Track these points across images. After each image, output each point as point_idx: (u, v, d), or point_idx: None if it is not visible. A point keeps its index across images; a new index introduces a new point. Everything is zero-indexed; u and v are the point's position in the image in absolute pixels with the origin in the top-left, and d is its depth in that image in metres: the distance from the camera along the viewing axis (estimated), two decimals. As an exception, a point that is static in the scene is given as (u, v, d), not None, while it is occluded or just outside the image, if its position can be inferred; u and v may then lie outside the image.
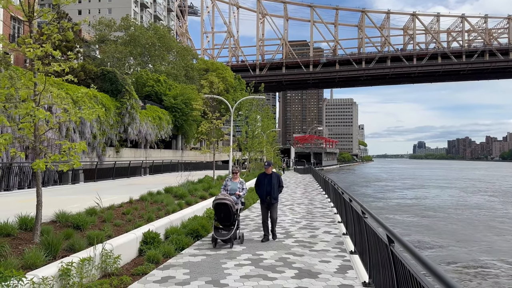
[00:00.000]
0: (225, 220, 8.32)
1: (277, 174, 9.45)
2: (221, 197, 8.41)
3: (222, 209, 8.25)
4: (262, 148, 41.68)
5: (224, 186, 9.20)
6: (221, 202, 8.29)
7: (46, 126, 6.41)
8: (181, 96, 43.16)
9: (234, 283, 5.83)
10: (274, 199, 9.13)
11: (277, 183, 9.29)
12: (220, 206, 8.28)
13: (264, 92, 34.46)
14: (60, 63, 5.78)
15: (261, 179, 9.35)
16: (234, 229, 8.27)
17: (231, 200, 8.35)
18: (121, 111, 33.04)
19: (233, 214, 8.29)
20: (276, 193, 9.21)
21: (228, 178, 9.46)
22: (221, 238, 8.12)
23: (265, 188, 9.13)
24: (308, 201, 18.22)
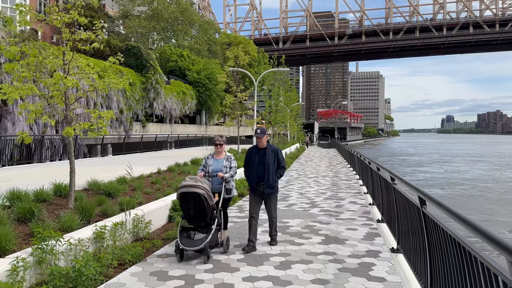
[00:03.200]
0: (196, 219, 5.41)
1: (276, 149, 6.31)
2: (189, 184, 5.32)
3: (190, 203, 5.32)
4: (286, 122, 41.49)
5: (202, 167, 6.09)
6: (188, 192, 5.26)
7: (75, 95, 6.54)
8: (204, 71, 43.10)
9: (261, 247, 5.93)
10: (270, 187, 5.99)
11: (275, 162, 6.13)
12: (188, 197, 5.30)
13: (287, 66, 33.92)
14: (86, 32, 5.83)
15: (251, 156, 6.21)
16: (212, 232, 5.33)
17: (205, 189, 5.34)
18: (146, 86, 33.38)
19: (209, 209, 5.35)
20: (273, 177, 6.05)
21: (209, 155, 6.23)
22: (190, 248, 5.18)
23: (256, 170, 6.04)
24: (333, 173, 18.15)
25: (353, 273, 4.82)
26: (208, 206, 5.32)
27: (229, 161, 6.09)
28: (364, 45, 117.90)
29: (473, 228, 2.29)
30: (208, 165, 6.08)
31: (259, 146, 6.23)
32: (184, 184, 5.35)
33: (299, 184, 13.93)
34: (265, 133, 6.25)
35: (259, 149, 6.19)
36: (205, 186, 5.35)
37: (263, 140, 6.20)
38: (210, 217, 5.41)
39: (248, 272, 4.86)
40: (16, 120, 18.79)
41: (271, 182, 6.01)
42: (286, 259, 5.39)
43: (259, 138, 6.18)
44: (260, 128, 6.32)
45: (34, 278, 4.36)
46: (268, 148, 6.18)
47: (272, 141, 37.35)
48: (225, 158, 6.10)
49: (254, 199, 6.14)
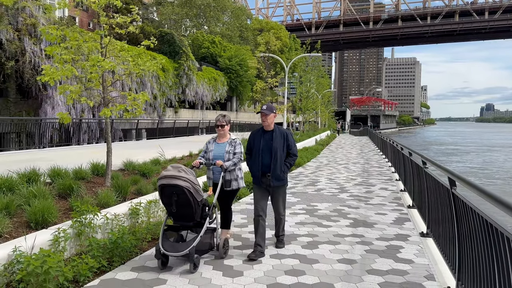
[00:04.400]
0: (182, 218, 4.46)
1: (286, 132, 5.08)
2: (170, 174, 4.29)
3: (172, 197, 4.31)
4: (317, 109, 41.07)
5: (203, 153, 5.27)
6: (169, 184, 4.26)
7: (112, 78, 6.79)
8: (236, 57, 43.18)
9: (289, 228, 6.02)
10: (277, 178, 4.88)
11: (284, 147, 4.96)
12: (169, 191, 4.30)
13: (320, 52, 33.42)
14: (122, 16, 6.02)
15: (254, 140, 5.08)
16: (201, 234, 4.34)
17: (189, 180, 4.28)
18: (179, 73, 33.86)
19: (197, 205, 4.33)
20: (282, 167, 4.90)
21: (211, 138, 5.36)
22: (172, 253, 4.19)
23: (261, 157, 4.91)
24: (364, 160, 17.94)
25: (381, 254, 4.84)
26: (195, 202, 4.27)
27: (233, 146, 5.12)
28: (400, 30, 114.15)
29: (503, 205, 2.27)
30: (209, 151, 5.20)
31: (264, 127, 5.03)
32: (164, 175, 4.28)
33: (328, 170, 13.88)
34: (273, 110, 5.01)
35: (265, 132, 5.01)
36: (190, 178, 4.28)
37: (269, 120, 4.95)
38: (201, 215, 4.40)
39: (275, 250, 4.97)
40: (55, 104, 19.59)
41: (278, 173, 4.84)
42: (313, 239, 5.46)
43: (265, 116, 4.91)
44: (267, 104, 5.12)
45: (74, 249, 4.65)
46: (276, 130, 4.98)
47: (303, 128, 37.13)
48: (229, 142, 5.14)
49: (259, 193, 4.99)
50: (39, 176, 6.05)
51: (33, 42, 17.08)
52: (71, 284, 3.81)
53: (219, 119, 5.18)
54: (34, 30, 17.37)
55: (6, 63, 15.97)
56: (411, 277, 4.12)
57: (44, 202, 4.85)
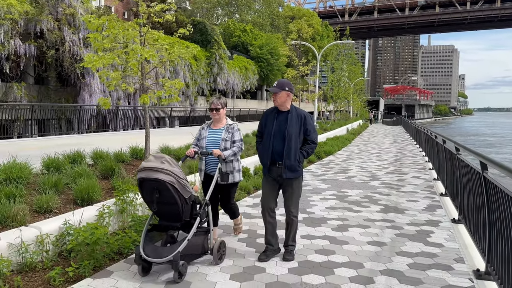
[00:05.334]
0: (166, 217, 3.84)
1: (303, 114, 4.19)
2: (150, 166, 3.61)
3: (153, 193, 3.63)
4: (349, 98, 40.52)
5: (196, 140, 4.59)
6: (149, 178, 3.58)
7: (150, 65, 7.07)
8: (267, 45, 43.08)
9: (320, 212, 6.15)
10: (290, 169, 4.09)
11: (301, 132, 4.13)
12: (149, 186, 3.63)
13: (350, 38, 32.81)
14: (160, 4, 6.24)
15: (266, 122, 4.28)
16: (188, 237, 3.69)
17: (173, 174, 3.58)
18: (210, 62, 34.22)
19: (183, 203, 3.67)
20: (296, 156, 4.09)
21: (204, 124, 4.67)
22: (153, 259, 3.54)
23: (272, 142, 4.13)
24: (397, 150, 17.70)
25: (411, 238, 4.90)
26: (181, 199, 3.60)
27: (231, 132, 4.39)
28: (437, 17, 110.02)
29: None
30: (202, 138, 4.49)
31: (278, 108, 4.18)
32: (144, 166, 3.58)
33: (360, 158, 13.83)
34: (284, 87, 4.09)
35: (279, 113, 4.18)
36: (175, 171, 3.56)
37: (280, 99, 4.09)
38: (190, 214, 3.75)
39: (306, 231, 5.12)
40: (92, 92, 20.30)
41: (292, 163, 4.03)
42: (343, 223, 5.57)
43: (274, 95, 4.14)
44: (279, 80, 4.24)
45: (117, 225, 4.98)
46: (293, 111, 4.14)
47: (334, 117, 36.76)
48: (225, 128, 4.41)
49: (268, 185, 4.22)
50: (82, 158, 6.44)
51: (72, 32, 17.73)
52: (116, 256, 4.12)
53: (214, 101, 4.48)
54: (73, 20, 18.01)
55: (47, 52, 16.67)
56: (441, 260, 4.18)
57: (88, 181, 5.20)
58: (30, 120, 15.60)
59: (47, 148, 8.64)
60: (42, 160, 5.91)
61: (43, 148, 8.63)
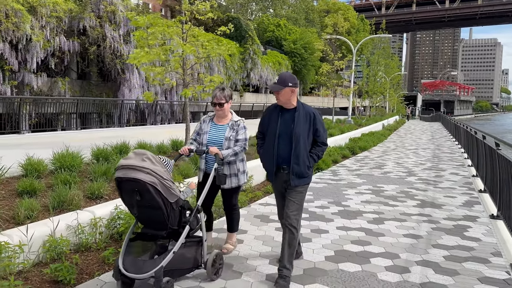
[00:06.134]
0: (149, 224, 3.30)
1: (312, 112, 3.59)
2: (129, 164, 3.03)
3: (132, 196, 3.08)
4: (385, 93, 39.73)
5: (196, 134, 4.05)
6: (127, 178, 3.01)
7: (191, 61, 7.35)
8: (301, 40, 42.89)
9: (355, 205, 6.23)
10: (298, 175, 3.52)
11: (309, 133, 3.54)
12: (129, 187, 3.06)
13: (387, 32, 32.11)
14: (203, 3, 6.48)
15: (269, 120, 3.67)
16: (173, 250, 3.17)
17: (155, 173, 3.02)
18: (244, 57, 34.51)
19: (168, 208, 3.13)
20: (306, 160, 3.51)
21: (206, 117, 4.12)
22: (133, 274, 3.04)
23: (276, 144, 3.55)
24: (435, 146, 17.32)
25: (447, 232, 4.92)
26: (166, 203, 3.04)
27: (235, 130, 3.87)
28: (480, 9, 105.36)
29: None
30: (203, 132, 3.96)
31: (282, 105, 3.57)
32: (122, 164, 3.01)
33: (396, 154, 13.68)
34: (287, 83, 3.46)
35: (284, 110, 3.57)
36: (157, 170, 3.00)
37: (283, 97, 3.49)
38: (179, 221, 3.23)
39: (341, 223, 5.23)
40: (132, 87, 21.01)
41: (301, 169, 3.45)
42: (379, 216, 5.64)
43: (276, 94, 3.52)
44: (281, 75, 3.59)
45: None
46: (300, 109, 3.52)
47: (369, 112, 36.18)
48: (229, 125, 3.89)
49: (279, 196, 3.74)
50: (128, 148, 6.82)
51: (113, 28, 18.39)
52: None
53: (216, 94, 3.85)
54: (114, 17, 18.68)
55: (89, 48, 17.41)
56: (477, 253, 4.20)
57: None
58: (75, 114, 16.41)
59: (91, 140, 9.13)
60: (92, 150, 6.31)
61: (87, 140, 9.12)
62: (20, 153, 6.27)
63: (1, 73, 14.13)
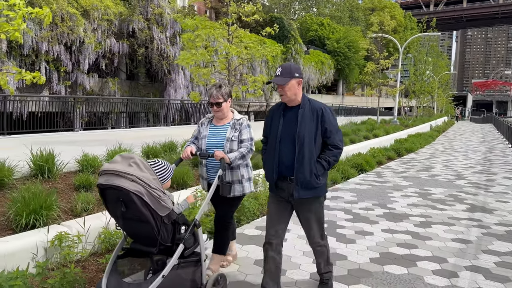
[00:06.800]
0: (138, 239, 2.84)
1: (320, 108, 2.98)
2: (113, 169, 2.53)
3: (117, 206, 2.59)
4: (433, 93, 38.28)
5: (194, 139, 3.62)
6: (108, 185, 2.52)
7: (236, 62, 7.48)
8: (345, 39, 42.23)
9: (401, 208, 6.10)
10: (305, 186, 2.93)
11: (317, 134, 2.95)
12: (114, 196, 2.57)
13: (436, 30, 30.88)
14: (249, 4, 6.59)
15: (272, 121, 3.11)
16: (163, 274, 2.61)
17: (141, 181, 2.52)
18: (286, 57, 34.47)
19: (158, 222, 2.62)
20: (313, 167, 2.90)
21: (205, 119, 3.66)
22: None
23: (278, 149, 2.99)
24: (486, 149, 16.52)
25: (499, 238, 4.72)
26: (155, 217, 2.58)
27: (237, 129, 3.41)
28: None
29: None
30: (201, 137, 3.51)
31: (287, 103, 3.03)
32: (105, 169, 2.57)
33: (444, 157, 13.20)
34: (293, 74, 2.94)
35: (287, 109, 3.05)
36: (144, 177, 2.53)
37: (289, 91, 2.94)
38: (172, 237, 2.76)
39: (387, 226, 5.15)
40: (177, 87, 21.62)
41: (306, 177, 2.89)
42: (426, 220, 5.49)
43: (281, 88, 2.97)
44: (283, 66, 2.99)
45: (207, 209, 5.44)
46: (305, 105, 2.98)
47: (416, 113, 34.99)
48: (231, 125, 3.43)
49: (274, 207, 3.11)
50: (176, 146, 7.06)
51: (160, 30, 19.01)
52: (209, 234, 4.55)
53: (213, 93, 3.39)
54: (161, 19, 19.30)
55: (138, 50, 18.10)
56: (533, 262, 4.00)
57: (183, 168, 5.73)
58: (124, 113, 17.14)
59: (139, 138, 9.51)
60: (142, 148, 6.59)
61: (136, 138, 9.51)
62: (75, 149, 6.68)
63: (57, 73, 15.01)
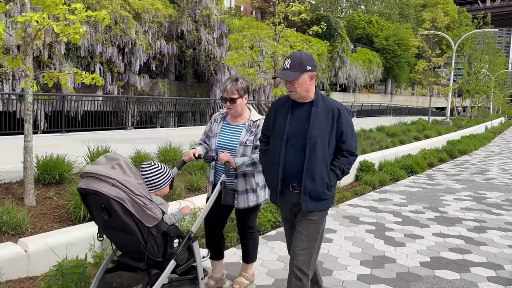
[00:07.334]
0: (125, 252, 2.45)
1: (339, 108, 2.47)
2: (94, 171, 2.16)
3: (99, 214, 2.21)
4: (489, 93, 36.25)
5: (204, 137, 3.19)
6: (88, 190, 2.15)
7: (281, 61, 7.52)
8: (394, 36, 40.95)
9: (453, 212, 5.86)
10: (313, 197, 2.46)
11: (331, 136, 2.46)
12: (96, 203, 2.20)
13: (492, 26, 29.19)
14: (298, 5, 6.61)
15: (276, 117, 2.60)
16: None
17: (123, 186, 2.13)
18: (333, 55, 34.01)
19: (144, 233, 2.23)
20: (326, 177, 2.44)
21: (218, 114, 3.19)
22: None
23: (283, 152, 2.49)
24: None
25: None
26: (140, 228, 2.22)
27: (253, 133, 2.96)
28: None
29: None
30: (212, 135, 3.09)
31: (294, 99, 2.54)
32: (86, 171, 2.22)
33: (501, 160, 12.49)
34: (306, 68, 2.43)
35: (297, 104, 2.55)
36: (128, 182, 2.18)
37: (300, 87, 2.45)
38: (164, 252, 2.38)
39: (438, 229, 4.97)
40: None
41: (316, 187, 2.45)
42: (481, 224, 5.24)
43: (290, 84, 2.46)
44: (293, 57, 2.47)
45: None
46: (319, 102, 2.50)
47: (470, 113, 33.27)
48: (246, 127, 2.99)
49: (287, 222, 2.74)
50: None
51: (207, 32, 19.41)
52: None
53: (227, 87, 2.92)
54: (208, 21, 19.69)
55: (186, 51, 18.58)
56: None
57: None
58: (172, 112, 17.69)
59: (187, 137, 9.76)
60: (190, 146, 6.79)
61: (185, 137, 9.76)
62: (128, 147, 7.01)
63: (110, 74, 15.74)
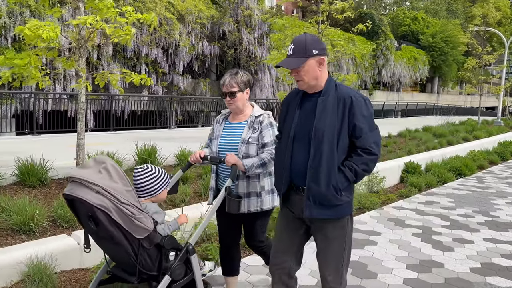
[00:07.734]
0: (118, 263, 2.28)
1: (352, 96, 2.07)
2: (79, 176, 1.97)
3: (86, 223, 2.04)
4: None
5: (209, 141, 2.96)
6: (72, 196, 1.96)
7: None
8: (441, 33, 39.38)
9: (506, 216, 5.56)
10: (318, 201, 2.10)
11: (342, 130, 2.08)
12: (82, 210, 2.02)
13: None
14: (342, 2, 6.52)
15: (287, 113, 2.28)
16: None
17: (108, 192, 1.95)
18: (376, 53, 33.19)
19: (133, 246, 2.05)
20: (332, 179, 2.06)
21: (221, 116, 2.93)
22: None
23: (290, 150, 2.19)
24: None
25: None
26: (128, 239, 2.05)
27: (257, 129, 2.69)
28: None
29: None
30: (214, 137, 2.86)
31: (305, 90, 2.23)
32: (71, 175, 2.04)
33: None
34: (311, 52, 2.08)
35: (307, 97, 2.23)
36: (114, 188, 1.99)
37: (308, 74, 2.11)
38: (159, 265, 2.21)
39: (490, 235, 4.73)
40: (263, 87, 22.04)
41: (321, 190, 2.09)
42: (537, 231, 4.94)
43: (296, 73, 2.13)
44: (296, 41, 2.14)
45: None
46: (329, 91, 2.13)
47: (507, 117, 31.20)
48: (248, 123, 2.72)
49: (284, 225, 2.38)
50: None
51: (248, 32, 19.52)
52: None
53: (226, 80, 2.68)
54: (250, 21, 19.79)
55: (227, 52, 18.78)
56: None
57: None
58: (214, 112, 17.98)
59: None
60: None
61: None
62: (172, 145, 7.20)
63: (155, 75, 16.21)
